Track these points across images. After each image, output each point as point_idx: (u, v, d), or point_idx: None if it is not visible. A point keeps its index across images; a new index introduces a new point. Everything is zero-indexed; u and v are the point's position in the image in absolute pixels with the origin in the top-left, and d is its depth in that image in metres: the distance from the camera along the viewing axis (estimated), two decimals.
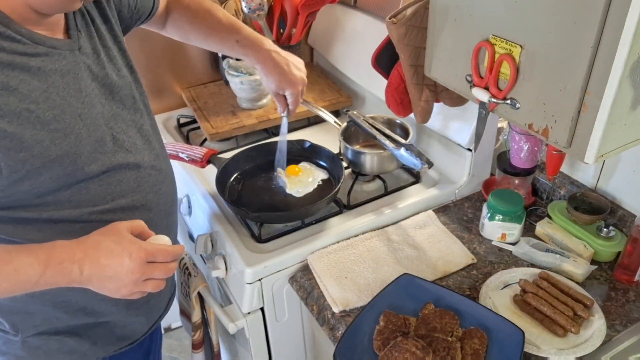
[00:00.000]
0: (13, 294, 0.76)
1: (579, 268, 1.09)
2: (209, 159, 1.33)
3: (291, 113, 1.24)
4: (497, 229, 1.19)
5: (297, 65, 1.17)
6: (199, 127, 1.60)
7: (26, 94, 0.76)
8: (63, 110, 0.80)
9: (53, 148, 0.78)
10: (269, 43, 1.16)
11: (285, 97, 1.20)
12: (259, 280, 1.15)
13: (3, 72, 0.73)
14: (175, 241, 1.12)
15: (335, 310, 1.05)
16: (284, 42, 1.65)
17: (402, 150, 1.23)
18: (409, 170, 1.40)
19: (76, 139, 0.82)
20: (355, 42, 1.58)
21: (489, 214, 1.19)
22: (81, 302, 0.93)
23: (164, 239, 0.84)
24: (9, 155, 0.74)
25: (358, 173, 1.35)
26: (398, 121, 1.38)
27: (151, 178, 0.97)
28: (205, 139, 1.56)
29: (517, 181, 1.29)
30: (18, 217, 0.82)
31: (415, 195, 1.32)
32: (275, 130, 1.61)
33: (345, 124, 1.39)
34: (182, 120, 1.66)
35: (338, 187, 1.23)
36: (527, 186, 1.30)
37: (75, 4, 0.79)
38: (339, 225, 1.23)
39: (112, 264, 0.76)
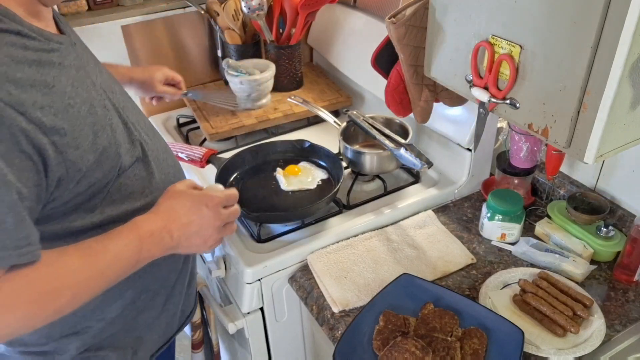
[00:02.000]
0: (118, 280, 0.77)
1: (578, 268, 1.09)
2: (209, 159, 1.33)
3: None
4: (496, 229, 1.19)
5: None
6: (198, 127, 1.60)
7: (62, 90, 0.73)
8: (92, 104, 0.78)
9: (98, 141, 0.77)
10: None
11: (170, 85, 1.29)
12: (259, 280, 1.15)
13: (38, 70, 0.71)
14: None
15: (335, 310, 1.05)
16: (283, 42, 1.65)
17: (402, 150, 1.23)
18: (408, 170, 1.40)
19: (111, 130, 0.81)
20: (354, 42, 1.59)
21: (488, 214, 1.19)
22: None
23: (218, 186, 0.88)
24: (70, 154, 0.73)
25: (358, 173, 1.35)
26: (397, 121, 1.38)
27: (171, 169, 0.97)
28: (204, 139, 1.56)
29: (516, 181, 1.29)
30: (73, 227, 0.80)
31: (414, 195, 1.32)
32: (275, 130, 1.61)
33: (344, 123, 1.39)
34: (182, 120, 1.66)
35: (338, 187, 1.23)
36: (527, 186, 1.30)
37: None
38: (339, 225, 1.23)
39: (194, 219, 0.81)
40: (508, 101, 0.85)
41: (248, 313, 1.20)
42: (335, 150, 1.38)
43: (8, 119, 0.64)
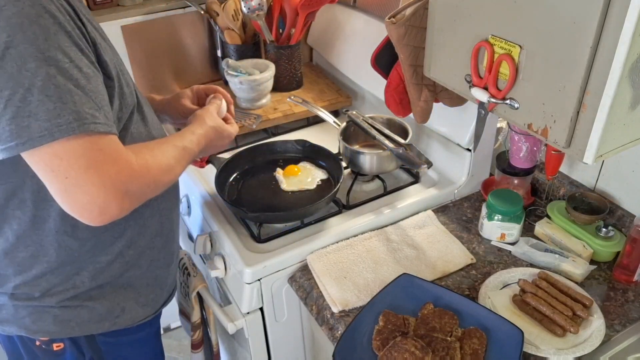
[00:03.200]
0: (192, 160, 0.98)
1: (578, 268, 1.09)
2: (208, 159, 1.33)
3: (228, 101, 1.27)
4: (496, 229, 1.19)
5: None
6: None
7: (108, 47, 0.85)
8: (121, 69, 0.89)
9: (119, 73, 0.87)
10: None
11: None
12: (258, 280, 1.15)
13: (97, 33, 0.82)
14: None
15: (335, 310, 1.05)
16: (283, 42, 1.65)
17: (402, 150, 1.23)
18: (408, 170, 1.40)
19: (131, 92, 0.91)
20: (354, 42, 1.59)
21: (488, 214, 1.19)
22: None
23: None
24: (106, 64, 0.82)
25: (357, 173, 1.35)
26: (397, 121, 1.38)
27: (159, 127, 1.05)
28: None
29: (516, 181, 1.29)
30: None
31: (414, 195, 1.32)
32: (274, 130, 1.61)
33: (344, 124, 1.39)
34: None
35: (337, 187, 1.23)
36: (526, 186, 1.30)
37: None
38: (338, 225, 1.23)
39: (217, 145, 1.07)
40: (508, 101, 0.85)
41: (248, 313, 1.20)
42: (335, 150, 1.38)
43: (76, 19, 0.76)
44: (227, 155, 1.35)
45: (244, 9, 1.56)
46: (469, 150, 1.29)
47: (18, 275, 0.91)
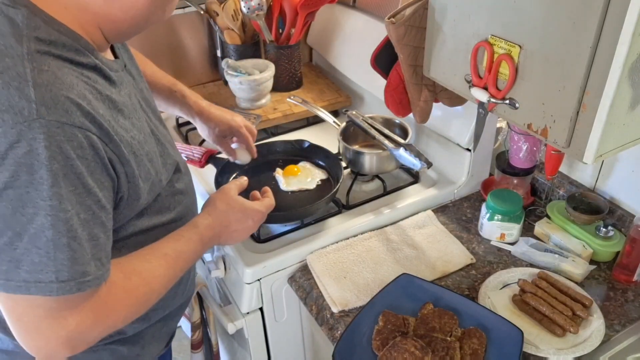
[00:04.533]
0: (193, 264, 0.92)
1: (577, 268, 1.09)
2: (208, 159, 1.33)
3: (252, 152, 1.26)
4: (496, 229, 1.19)
5: (234, 113, 1.22)
6: None
7: (126, 125, 0.76)
8: (144, 135, 0.82)
9: (152, 170, 0.82)
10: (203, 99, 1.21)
11: (228, 142, 1.23)
12: (258, 280, 1.15)
13: (110, 106, 0.73)
14: None
15: (334, 310, 1.05)
16: (282, 42, 1.65)
17: (401, 150, 1.23)
18: (408, 170, 1.40)
19: (155, 156, 0.84)
20: (354, 42, 1.59)
21: (488, 214, 1.19)
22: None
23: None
24: (134, 183, 0.78)
25: (357, 173, 1.35)
26: (397, 121, 1.38)
27: (191, 183, 1.01)
28: (204, 139, 1.55)
29: (516, 181, 1.29)
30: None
31: (414, 195, 1.32)
32: (274, 130, 1.61)
33: (344, 124, 1.39)
34: (181, 120, 1.66)
35: (337, 187, 1.23)
36: (526, 186, 1.31)
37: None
38: (338, 225, 1.23)
39: (239, 229, 0.97)
40: (507, 101, 0.85)
41: (247, 313, 1.20)
42: (334, 151, 1.38)
43: (100, 149, 0.69)
44: (226, 156, 1.35)
45: (244, 9, 1.56)
46: (468, 150, 1.29)
47: None
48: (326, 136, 1.52)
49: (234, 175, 1.34)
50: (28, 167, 0.63)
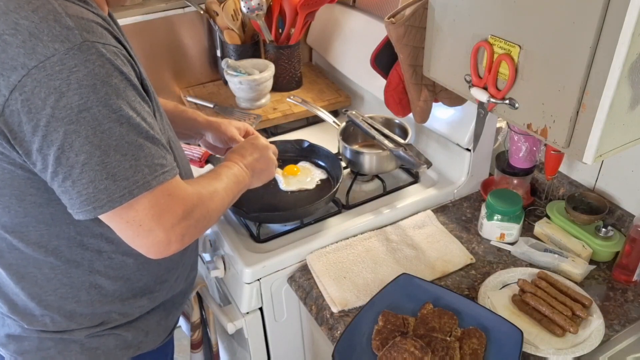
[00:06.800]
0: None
1: (577, 268, 1.09)
2: (208, 159, 1.32)
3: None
4: (495, 229, 1.19)
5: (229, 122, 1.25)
6: None
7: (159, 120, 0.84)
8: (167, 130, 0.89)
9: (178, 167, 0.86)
10: None
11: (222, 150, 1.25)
12: (258, 280, 1.15)
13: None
14: None
15: (334, 310, 1.05)
16: (282, 42, 1.65)
17: (401, 150, 1.23)
18: (407, 170, 1.40)
19: (175, 150, 0.90)
20: (354, 42, 1.58)
21: (487, 214, 1.19)
22: (143, 281, 0.95)
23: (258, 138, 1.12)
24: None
25: (357, 173, 1.35)
26: (397, 121, 1.38)
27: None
28: None
29: (515, 181, 1.29)
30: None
31: (414, 195, 1.32)
32: (274, 130, 1.61)
33: (344, 123, 1.39)
34: None
35: (337, 187, 1.23)
36: (526, 186, 1.31)
37: None
38: (338, 225, 1.23)
39: (265, 170, 1.07)
40: (507, 101, 0.85)
41: (247, 313, 1.20)
42: (334, 150, 1.38)
43: (135, 65, 0.77)
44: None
45: (244, 9, 1.56)
46: (468, 150, 1.29)
47: (46, 316, 0.90)
48: (326, 136, 1.52)
49: None
50: (92, 87, 0.68)
